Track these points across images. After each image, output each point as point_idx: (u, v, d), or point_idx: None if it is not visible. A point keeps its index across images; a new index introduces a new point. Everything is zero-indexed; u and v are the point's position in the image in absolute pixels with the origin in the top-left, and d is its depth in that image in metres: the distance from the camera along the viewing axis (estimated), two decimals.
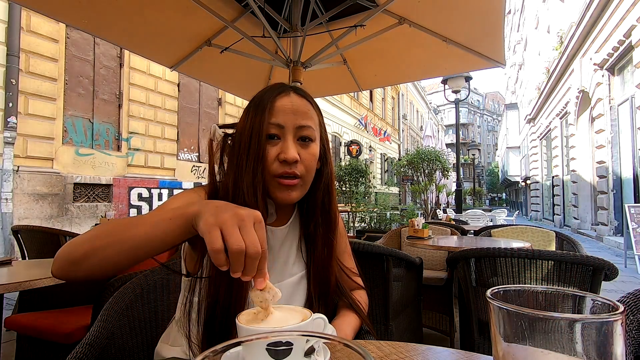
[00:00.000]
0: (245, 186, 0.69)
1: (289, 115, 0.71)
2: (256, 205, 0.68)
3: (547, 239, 2.98)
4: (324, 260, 0.78)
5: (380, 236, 3.26)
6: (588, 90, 9.61)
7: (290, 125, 0.71)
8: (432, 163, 8.95)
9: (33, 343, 1.72)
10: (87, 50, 6.06)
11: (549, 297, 0.33)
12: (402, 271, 1.85)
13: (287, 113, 0.71)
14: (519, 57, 25.43)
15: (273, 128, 0.70)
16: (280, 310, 0.53)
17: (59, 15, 2.34)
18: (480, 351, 1.24)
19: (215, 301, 0.64)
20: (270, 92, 0.74)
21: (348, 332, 0.75)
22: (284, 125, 0.71)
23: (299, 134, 0.72)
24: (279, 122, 0.70)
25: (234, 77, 3.37)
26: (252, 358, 0.39)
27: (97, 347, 0.68)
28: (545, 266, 1.46)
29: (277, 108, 0.71)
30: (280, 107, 0.71)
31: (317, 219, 0.78)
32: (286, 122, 0.71)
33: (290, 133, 0.71)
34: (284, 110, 0.71)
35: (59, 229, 2.66)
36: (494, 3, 2.26)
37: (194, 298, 0.68)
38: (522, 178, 24.90)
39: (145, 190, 6.95)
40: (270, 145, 0.71)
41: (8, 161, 4.89)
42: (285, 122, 0.71)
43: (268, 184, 0.71)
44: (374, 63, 3.23)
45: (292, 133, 0.71)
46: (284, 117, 0.71)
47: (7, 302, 2.97)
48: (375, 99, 20.00)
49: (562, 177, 13.66)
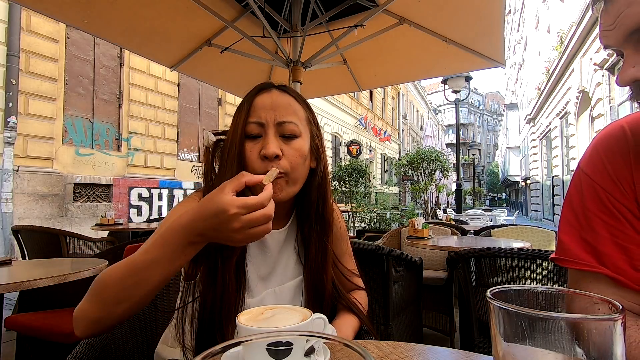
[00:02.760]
0: None
1: (268, 111, 0.70)
2: None
3: (547, 239, 2.98)
4: (317, 264, 0.77)
5: (380, 236, 3.26)
6: (588, 90, 9.61)
7: (270, 121, 0.70)
8: (432, 163, 8.96)
9: (33, 343, 1.72)
10: (87, 50, 6.06)
11: (549, 297, 0.33)
12: (402, 271, 1.85)
13: (267, 109, 0.70)
14: (519, 57, 25.43)
15: (253, 126, 0.70)
16: (280, 310, 0.53)
17: (59, 15, 2.33)
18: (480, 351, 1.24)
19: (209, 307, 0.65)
20: (251, 92, 0.74)
21: (349, 333, 0.75)
22: (264, 122, 0.69)
23: (280, 129, 0.70)
24: (259, 119, 0.70)
25: (234, 77, 3.37)
26: (252, 358, 0.39)
27: (97, 347, 0.68)
28: (545, 266, 1.46)
29: (256, 106, 0.71)
30: (259, 105, 0.71)
31: (310, 221, 0.77)
32: (266, 119, 0.70)
33: (271, 129, 0.69)
34: (264, 107, 0.71)
35: (59, 229, 2.66)
36: (494, 3, 2.26)
37: (187, 304, 0.68)
38: (522, 178, 24.90)
39: (145, 190, 6.95)
40: (252, 144, 0.69)
41: (8, 161, 4.90)
42: (265, 119, 0.70)
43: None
44: (374, 63, 3.23)
45: (273, 129, 0.70)
46: (264, 114, 0.70)
47: (7, 302, 2.97)
48: (375, 99, 20.00)
49: (562, 177, 13.66)
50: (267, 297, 0.74)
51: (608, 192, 0.56)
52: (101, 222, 3.94)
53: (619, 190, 0.56)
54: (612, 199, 0.56)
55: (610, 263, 0.54)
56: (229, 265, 0.68)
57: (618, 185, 0.56)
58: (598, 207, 0.57)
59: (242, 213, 0.54)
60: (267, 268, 0.75)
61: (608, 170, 0.57)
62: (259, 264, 0.75)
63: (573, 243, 0.58)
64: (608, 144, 0.59)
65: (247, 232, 0.55)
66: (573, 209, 0.60)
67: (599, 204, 0.57)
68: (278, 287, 0.75)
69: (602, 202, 0.57)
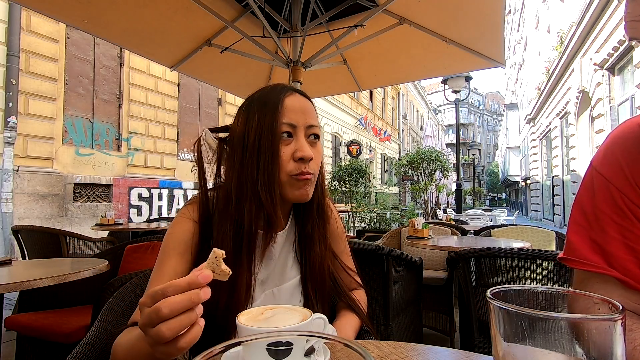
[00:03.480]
0: (260, 187, 0.68)
1: (299, 114, 0.71)
2: (273, 204, 0.68)
3: (547, 239, 2.98)
4: (321, 259, 0.78)
5: (380, 236, 3.26)
6: (588, 90, 9.61)
7: (301, 124, 0.71)
8: (432, 163, 8.96)
9: (33, 343, 1.72)
10: (87, 50, 6.06)
11: (549, 297, 0.33)
12: (402, 271, 1.85)
13: (298, 112, 0.71)
14: (519, 57, 25.42)
15: (286, 127, 0.70)
16: (280, 310, 0.52)
17: (59, 15, 2.34)
18: (480, 351, 1.24)
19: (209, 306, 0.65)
20: (276, 92, 0.73)
21: (349, 332, 0.75)
22: (296, 124, 0.71)
23: (308, 132, 0.72)
24: (292, 121, 0.70)
25: (234, 77, 3.37)
26: (252, 358, 0.39)
27: (97, 347, 0.68)
28: (545, 266, 1.46)
29: (287, 107, 0.71)
30: (290, 107, 0.71)
31: (314, 218, 0.78)
32: (298, 122, 0.71)
33: (302, 132, 0.71)
34: (294, 109, 0.71)
35: (59, 229, 2.66)
36: (494, 3, 2.26)
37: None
38: (522, 178, 24.90)
39: (145, 190, 6.95)
40: (284, 144, 0.70)
41: (8, 161, 4.90)
42: (297, 122, 0.71)
43: (284, 184, 0.70)
44: (374, 63, 3.23)
45: (304, 132, 0.72)
46: (295, 117, 0.71)
47: (7, 302, 2.97)
48: (375, 99, 20.00)
49: (562, 177, 13.66)
50: (265, 299, 0.74)
51: (623, 193, 0.55)
52: (101, 222, 3.94)
53: (635, 192, 0.55)
54: (626, 200, 0.55)
55: (619, 264, 0.53)
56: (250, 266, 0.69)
57: (634, 187, 0.55)
58: (611, 207, 0.56)
59: (147, 304, 0.43)
60: (266, 271, 0.75)
61: (625, 171, 0.56)
62: (263, 267, 0.75)
63: (581, 243, 0.57)
64: (625, 145, 0.57)
65: (150, 333, 0.42)
66: (583, 209, 0.59)
67: (611, 205, 0.56)
68: (276, 289, 0.75)
69: (615, 202, 0.56)
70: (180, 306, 0.41)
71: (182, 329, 0.42)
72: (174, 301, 0.41)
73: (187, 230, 0.70)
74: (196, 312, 0.43)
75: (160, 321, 0.41)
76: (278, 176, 0.69)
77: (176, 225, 0.71)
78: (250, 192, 0.68)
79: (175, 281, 0.43)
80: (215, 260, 0.45)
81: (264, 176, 0.68)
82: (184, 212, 0.72)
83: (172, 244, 0.69)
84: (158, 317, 0.41)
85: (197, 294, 0.42)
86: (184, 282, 0.42)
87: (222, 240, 0.68)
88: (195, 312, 0.43)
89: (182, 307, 0.41)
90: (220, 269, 0.45)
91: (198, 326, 0.44)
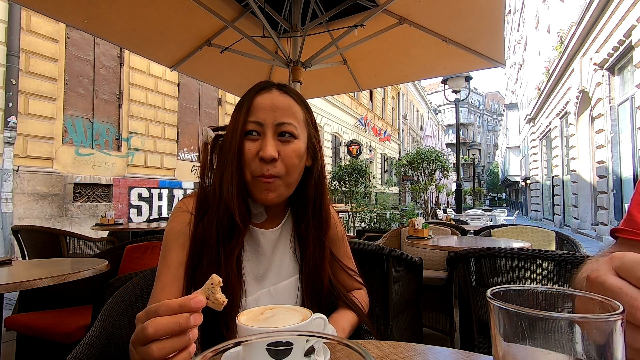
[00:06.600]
0: (226, 186, 0.69)
1: (268, 112, 0.70)
2: (235, 205, 0.68)
3: (547, 239, 2.98)
4: (315, 262, 0.77)
5: (380, 236, 3.26)
6: (588, 90, 9.61)
7: (269, 122, 0.69)
8: (432, 163, 8.96)
9: (33, 343, 1.72)
10: (87, 50, 6.06)
11: (549, 297, 0.33)
12: (402, 271, 1.85)
13: (267, 110, 0.70)
14: (519, 57, 25.43)
15: (252, 125, 0.69)
16: (280, 310, 0.52)
17: (59, 15, 2.33)
18: (480, 351, 1.24)
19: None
20: (251, 90, 0.74)
21: (345, 326, 0.74)
22: (262, 122, 0.69)
23: (279, 130, 0.70)
24: (258, 119, 0.70)
25: (234, 77, 3.37)
26: (252, 358, 0.39)
27: (97, 347, 0.68)
28: (545, 266, 1.46)
29: (256, 105, 0.71)
30: (259, 104, 0.71)
31: (308, 218, 0.77)
32: (265, 119, 0.69)
33: (270, 130, 0.69)
34: (263, 107, 0.70)
35: (59, 229, 2.66)
36: (494, 3, 2.26)
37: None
38: (522, 178, 24.90)
39: (145, 190, 6.95)
40: (250, 142, 0.69)
41: (8, 161, 4.90)
42: (264, 119, 0.69)
43: (249, 184, 0.70)
44: (374, 63, 3.23)
45: (272, 130, 0.70)
46: (263, 114, 0.70)
47: (7, 302, 2.97)
48: (375, 99, 20.00)
49: (562, 177, 13.66)
50: (262, 296, 0.74)
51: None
52: (101, 222, 3.94)
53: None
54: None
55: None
56: (231, 261, 0.68)
57: None
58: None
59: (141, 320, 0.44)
60: (261, 268, 0.75)
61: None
62: (254, 264, 0.75)
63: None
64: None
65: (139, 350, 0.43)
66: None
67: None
68: (273, 287, 0.75)
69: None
70: (166, 328, 0.41)
71: (172, 352, 0.42)
72: (160, 322, 0.41)
73: (185, 221, 0.71)
74: (188, 337, 0.42)
75: (146, 340, 0.41)
76: (242, 175, 0.70)
77: (174, 218, 0.72)
78: (222, 190, 0.69)
79: (169, 301, 0.43)
80: (212, 287, 0.44)
81: (229, 174, 0.69)
82: (180, 205, 0.74)
83: (173, 236, 0.70)
84: (144, 336, 0.41)
85: (186, 319, 0.41)
86: (176, 303, 0.42)
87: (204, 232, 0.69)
88: (188, 337, 0.42)
89: (169, 330, 0.41)
90: (215, 297, 0.44)
91: (187, 352, 0.43)
